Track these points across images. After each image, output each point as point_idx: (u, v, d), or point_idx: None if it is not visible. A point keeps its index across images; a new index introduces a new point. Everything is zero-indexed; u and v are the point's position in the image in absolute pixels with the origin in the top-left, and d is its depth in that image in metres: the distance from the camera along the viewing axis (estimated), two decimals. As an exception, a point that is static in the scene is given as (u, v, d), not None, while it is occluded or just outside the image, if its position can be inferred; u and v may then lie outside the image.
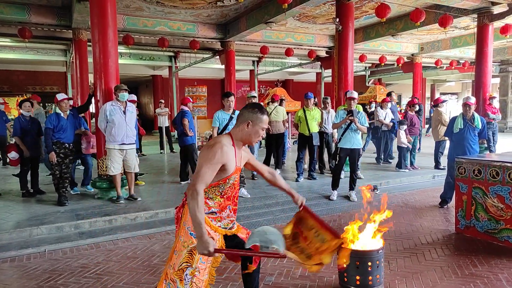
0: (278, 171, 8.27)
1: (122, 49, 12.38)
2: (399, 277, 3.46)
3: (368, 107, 12.38)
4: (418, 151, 9.33)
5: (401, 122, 8.60)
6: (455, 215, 4.71)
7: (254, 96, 8.13)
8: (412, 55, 15.77)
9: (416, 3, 8.98)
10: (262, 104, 3.33)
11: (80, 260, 4.05)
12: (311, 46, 13.38)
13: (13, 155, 6.31)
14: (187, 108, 7.25)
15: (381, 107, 9.34)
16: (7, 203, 5.98)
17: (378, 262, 3.12)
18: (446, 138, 7.20)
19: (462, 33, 13.29)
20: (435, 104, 8.86)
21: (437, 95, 23.88)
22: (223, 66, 12.91)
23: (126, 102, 5.85)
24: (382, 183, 7.38)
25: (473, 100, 5.62)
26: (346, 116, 6.02)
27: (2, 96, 15.36)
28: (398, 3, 8.86)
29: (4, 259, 4.12)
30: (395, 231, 4.75)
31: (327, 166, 8.42)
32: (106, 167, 5.95)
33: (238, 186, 2.39)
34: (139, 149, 10.13)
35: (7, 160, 8.82)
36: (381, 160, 9.51)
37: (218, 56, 13.29)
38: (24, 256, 4.19)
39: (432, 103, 10.67)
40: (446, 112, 9.13)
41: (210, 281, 2.40)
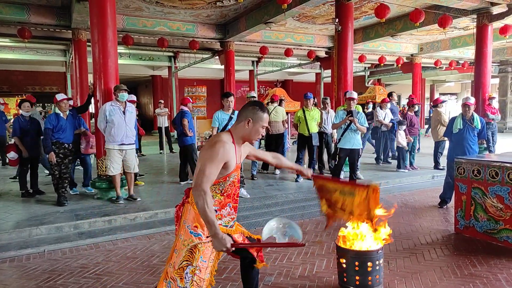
0: (277, 171, 8.29)
1: (122, 49, 12.37)
2: (399, 277, 3.46)
3: (366, 108, 12.38)
4: (417, 151, 9.33)
5: (401, 123, 8.61)
6: (455, 215, 4.71)
7: (254, 97, 8.14)
8: (412, 55, 15.79)
9: (416, 3, 8.99)
10: (247, 97, 3.36)
11: (79, 260, 4.05)
12: (310, 47, 13.38)
13: (12, 155, 6.31)
14: (186, 108, 7.25)
15: (381, 108, 9.34)
16: (7, 203, 5.98)
17: (377, 262, 3.12)
18: (446, 138, 7.20)
19: (461, 34, 13.30)
20: (435, 104, 8.87)
21: (436, 96, 23.89)
22: (223, 66, 12.91)
23: (125, 102, 5.84)
24: (381, 183, 7.38)
25: (472, 100, 5.63)
26: (346, 117, 6.03)
27: (2, 96, 15.34)
28: (397, 4, 8.88)
29: (3, 259, 4.12)
30: (395, 231, 4.74)
31: (326, 166, 8.42)
32: (105, 167, 5.95)
33: (238, 184, 2.38)
34: (138, 149, 10.12)
35: (6, 160, 8.82)
36: (380, 160, 9.52)
37: (217, 56, 13.30)
38: (23, 256, 4.19)
39: (431, 103, 10.68)
40: (445, 112, 9.14)
41: (211, 281, 2.39)
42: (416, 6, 8.88)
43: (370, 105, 12.01)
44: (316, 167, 8.04)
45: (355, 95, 6.31)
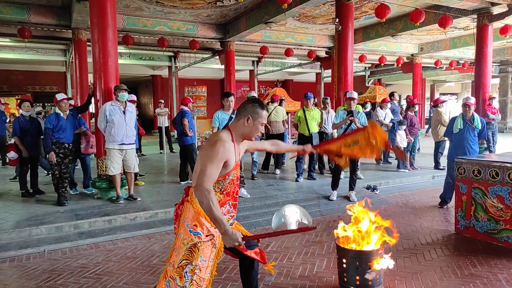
0: (278, 171, 8.28)
1: (122, 49, 12.37)
2: (399, 277, 3.46)
3: (364, 108, 12.34)
4: (417, 152, 9.32)
5: (401, 122, 8.60)
6: (455, 216, 4.71)
7: (254, 97, 8.14)
8: (412, 55, 15.78)
9: (416, 3, 8.99)
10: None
11: (79, 260, 4.05)
12: (310, 46, 13.38)
13: (12, 155, 6.31)
14: (187, 108, 7.25)
15: (381, 107, 9.33)
16: (7, 203, 5.97)
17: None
18: (446, 138, 7.20)
19: (461, 34, 13.30)
20: (435, 104, 8.87)
21: (436, 96, 23.89)
22: (223, 66, 12.91)
23: (125, 102, 5.84)
24: (381, 183, 7.38)
25: (472, 100, 5.62)
26: (346, 117, 6.02)
27: (2, 96, 15.33)
28: (397, 4, 8.87)
29: (3, 259, 4.12)
30: (395, 231, 4.76)
31: (326, 166, 8.42)
32: (105, 167, 5.95)
33: (237, 182, 2.37)
34: (138, 149, 10.12)
35: (6, 160, 8.82)
36: (381, 161, 9.51)
37: (217, 56, 13.29)
38: (23, 256, 4.19)
39: (432, 103, 10.67)
40: (445, 112, 9.13)
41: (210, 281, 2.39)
42: (417, 6, 8.88)
43: (368, 105, 11.97)
44: (316, 167, 8.04)
45: (355, 95, 6.31)
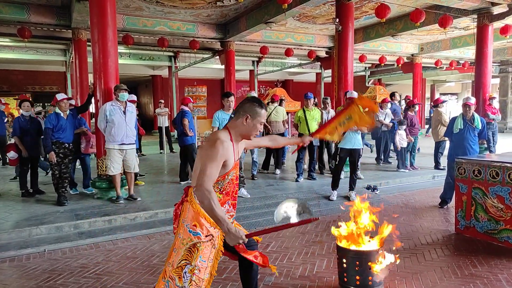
0: (278, 171, 8.28)
1: (122, 49, 12.38)
2: (399, 277, 3.45)
3: None
4: (417, 151, 9.32)
5: (401, 122, 8.60)
6: (455, 216, 4.70)
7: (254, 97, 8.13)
8: (412, 55, 15.77)
9: (416, 3, 8.98)
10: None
11: (79, 260, 4.04)
12: (311, 46, 13.37)
13: (12, 155, 6.32)
14: (187, 108, 7.25)
15: (381, 107, 9.33)
16: (7, 203, 5.97)
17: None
18: (446, 138, 7.20)
19: (462, 34, 13.29)
20: (435, 104, 8.86)
21: (437, 96, 23.89)
22: (223, 66, 12.90)
23: (126, 102, 5.84)
24: (382, 183, 7.38)
25: (473, 100, 5.62)
26: (347, 117, 6.02)
27: (1, 96, 15.33)
28: (398, 4, 8.87)
29: (3, 259, 4.12)
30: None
31: (326, 166, 8.42)
32: (105, 167, 5.95)
33: (236, 181, 2.37)
34: (139, 149, 10.12)
35: (6, 160, 8.82)
36: (381, 160, 9.51)
37: (218, 56, 13.29)
38: (23, 256, 4.18)
39: (432, 103, 10.67)
40: (446, 112, 9.13)
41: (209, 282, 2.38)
42: (417, 6, 8.87)
43: None
44: (317, 167, 8.03)
45: (355, 94, 6.30)
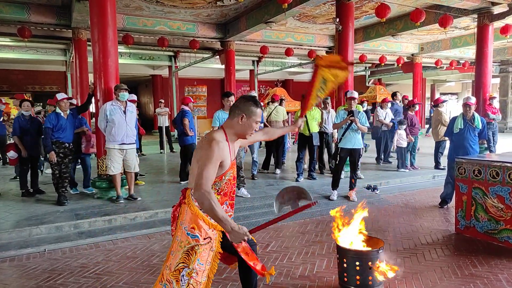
0: (278, 171, 8.28)
1: (122, 49, 12.38)
2: (399, 277, 3.45)
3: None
4: (417, 151, 9.31)
5: (401, 122, 8.59)
6: (455, 216, 4.70)
7: (254, 96, 8.12)
8: (412, 55, 15.77)
9: (416, 3, 8.97)
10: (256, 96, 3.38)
11: (79, 259, 4.04)
12: (311, 46, 13.37)
13: (11, 154, 6.32)
14: (187, 108, 7.25)
15: (381, 107, 9.32)
16: (7, 203, 5.97)
17: (378, 262, 3.11)
18: (446, 138, 7.19)
19: (462, 33, 13.29)
20: (435, 104, 8.85)
21: (437, 95, 23.89)
22: (223, 66, 12.90)
23: (126, 101, 5.84)
24: (382, 183, 7.38)
25: (473, 100, 5.62)
26: (347, 117, 6.01)
27: (1, 95, 15.33)
28: (398, 3, 8.86)
29: (3, 258, 4.12)
30: (395, 231, 4.76)
31: (327, 166, 8.41)
32: (106, 166, 5.94)
33: (234, 181, 2.35)
34: (139, 149, 10.11)
35: (7, 160, 8.82)
36: (381, 160, 9.51)
37: (218, 56, 13.29)
38: (23, 256, 4.18)
39: (432, 103, 10.66)
40: (446, 112, 9.12)
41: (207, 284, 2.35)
42: (417, 6, 8.87)
43: (365, 104, 11.96)
44: (317, 166, 8.03)
45: (355, 94, 6.30)
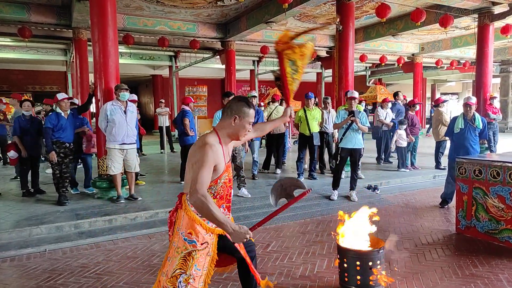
0: (278, 171, 8.28)
1: (122, 49, 12.36)
2: (400, 277, 3.45)
3: None
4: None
5: (401, 122, 8.59)
6: (456, 216, 4.70)
7: (255, 96, 8.12)
8: (413, 55, 15.76)
9: (417, 3, 8.97)
10: (247, 97, 3.33)
11: (80, 259, 4.05)
12: (311, 46, 13.34)
13: (11, 154, 6.32)
14: (188, 108, 7.24)
15: (382, 107, 9.32)
16: (7, 203, 5.97)
17: (378, 262, 3.11)
18: (447, 138, 7.19)
19: (462, 33, 13.28)
20: (436, 104, 8.85)
21: (437, 95, 23.87)
22: (223, 66, 12.90)
23: (126, 101, 5.84)
24: (382, 183, 7.37)
25: (473, 100, 5.61)
26: (348, 117, 6.01)
27: (1, 95, 15.32)
28: (398, 3, 8.85)
29: (3, 258, 4.12)
30: (396, 231, 4.75)
31: (327, 166, 8.41)
32: (106, 166, 5.94)
33: (230, 184, 2.33)
34: (139, 149, 10.12)
35: (7, 160, 8.83)
36: (381, 160, 9.50)
37: (218, 56, 13.29)
38: (23, 256, 4.18)
39: (432, 103, 10.66)
40: (446, 112, 9.11)
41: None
42: (417, 6, 8.86)
43: (363, 103, 11.95)
44: (317, 166, 8.03)
45: (356, 94, 6.29)
